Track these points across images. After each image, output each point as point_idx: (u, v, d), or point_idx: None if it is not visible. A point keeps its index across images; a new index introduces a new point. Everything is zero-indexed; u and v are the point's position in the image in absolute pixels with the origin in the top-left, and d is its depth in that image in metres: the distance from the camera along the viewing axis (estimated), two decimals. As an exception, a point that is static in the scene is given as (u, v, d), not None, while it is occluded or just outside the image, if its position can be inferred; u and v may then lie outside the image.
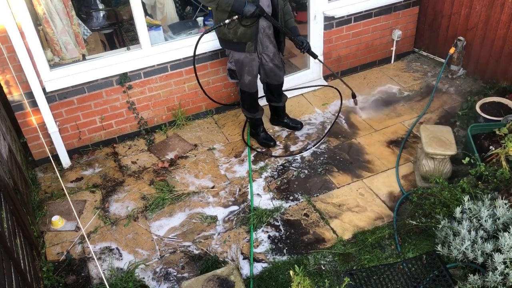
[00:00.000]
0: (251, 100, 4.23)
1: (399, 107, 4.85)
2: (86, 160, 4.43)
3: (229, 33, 3.78)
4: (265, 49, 3.96)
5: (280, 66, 4.12)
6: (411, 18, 5.43)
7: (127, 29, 5.67)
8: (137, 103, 4.52)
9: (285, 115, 4.61)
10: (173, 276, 3.32)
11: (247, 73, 3.98)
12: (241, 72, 4.00)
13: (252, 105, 4.27)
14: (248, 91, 4.12)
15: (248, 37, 3.76)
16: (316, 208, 3.77)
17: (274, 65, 4.06)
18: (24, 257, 2.99)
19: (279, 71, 4.14)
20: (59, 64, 4.19)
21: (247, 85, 4.07)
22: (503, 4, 4.46)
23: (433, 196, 3.40)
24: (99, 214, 3.83)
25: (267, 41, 3.92)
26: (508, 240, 2.81)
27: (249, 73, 3.99)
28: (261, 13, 3.68)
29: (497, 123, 3.95)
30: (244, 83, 4.06)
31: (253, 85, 4.09)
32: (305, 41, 3.97)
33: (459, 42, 4.97)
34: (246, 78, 4.02)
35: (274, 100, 4.42)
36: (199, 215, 3.78)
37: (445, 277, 3.08)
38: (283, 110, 4.57)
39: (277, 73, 4.14)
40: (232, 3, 3.58)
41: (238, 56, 3.90)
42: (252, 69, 3.98)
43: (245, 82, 4.04)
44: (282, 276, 3.24)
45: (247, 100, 4.23)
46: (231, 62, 4.01)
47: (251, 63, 3.94)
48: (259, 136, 4.47)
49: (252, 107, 4.28)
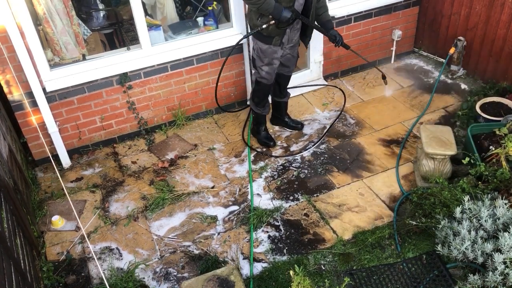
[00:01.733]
0: (264, 93, 4.20)
1: (399, 107, 4.85)
2: (86, 160, 4.44)
3: (258, 20, 3.77)
4: (290, 41, 3.97)
5: (295, 57, 4.15)
6: (411, 18, 5.43)
7: (127, 29, 5.67)
8: (137, 103, 4.52)
9: (286, 114, 4.61)
10: (173, 276, 3.32)
11: (267, 64, 3.97)
12: (261, 61, 3.98)
13: (263, 98, 4.24)
14: (264, 82, 4.09)
15: (276, 32, 3.78)
16: (316, 208, 3.77)
17: (291, 55, 4.10)
18: (24, 257, 2.99)
19: (295, 61, 4.18)
20: (59, 64, 4.19)
21: (264, 77, 4.05)
22: (503, 4, 4.46)
23: (433, 196, 3.40)
24: (99, 214, 3.83)
25: (293, 35, 3.95)
26: (508, 240, 2.81)
27: (269, 65, 3.97)
28: (296, 16, 3.72)
29: (497, 123, 3.95)
30: (261, 74, 4.04)
31: (269, 78, 4.06)
32: (338, 35, 3.98)
33: (459, 42, 4.97)
34: (264, 68, 3.99)
35: (279, 95, 4.41)
36: (199, 215, 3.78)
37: (445, 277, 3.08)
38: (285, 108, 4.57)
39: (293, 64, 4.19)
40: (272, 10, 3.60)
41: (261, 45, 3.89)
42: (272, 62, 3.96)
43: (262, 72, 4.02)
44: (282, 276, 3.24)
45: (260, 92, 4.19)
46: (254, 50, 4.00)
47: (272, 55, 3.92)
48: (259, 135, 4.46)
49: (262, 100, 4.25)
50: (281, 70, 4.19)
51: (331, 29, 3.99)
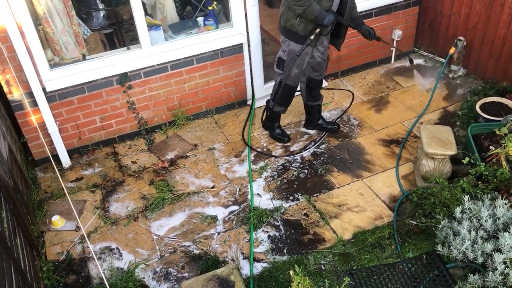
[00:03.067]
0: (289, 95, 4.17)
1: (399, 107, 4.85)
2: (86, 160, 4.44)
3: (299, 26, 3.73)
4: (320, 44, 3.94)
5: (326, 61, 4.12)
6: (411, 18, 5.42)
7: (127, 29, 5.66)
8: (137, 103, 4.52)
9: (321, 117, 4.54)
10: (173, 276, 3.33)
11: (297, 65, 3.92)
12: (291, 63, 3.91)
13: (286, 100, 4.21)
14: (291, 84, 4.05)
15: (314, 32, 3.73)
16: (316, 208, 3.77)
17: (322, 60, 4.06)
18: (24, 257, 2.99)
19: (325, 66, 4.15)
20: (59, 64, 4.18)
21: (292, 78, 4.00)
22: (503, 4, 4.46)
23: (433, 196, 3.41)
24: (99, 214, 3.83)
25: (326, 37, 3.94)
26: (508, 240, 2.81)
27: (298, 66, 3.94)
28: (337, 18, 3.71)
29: (497, 123, 3.95)
30: (290, 75, 3.98)
31: (297, 79, 4.04)
32: (371, 29, 3.96)
33: (459, 42, 4.97)
34: (293, 71, 3.95)
35: (311, 99, 4.35)
36: (199, 215, 3.78)
37: (445, 277, 3.08)
38: (319, 111, 4.49)
39: (324, 68, 4.15)
40: (316, 14, 3.58)
41: (294, 46, 3.84)
42: (303, 63, 3.93)
43: (291, 74, 3.97)
44: (282, 276, 3.24)
45: (284, 93, 4.13)
46: (285, 51, 3.93)
47: (304, 56, 3.88)
48: (274, 131, 4.46)
49: (285, 101, 4.23)
50: (311, 74, 4.15)
51: (363, 24, 3.96)
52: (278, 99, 4.19)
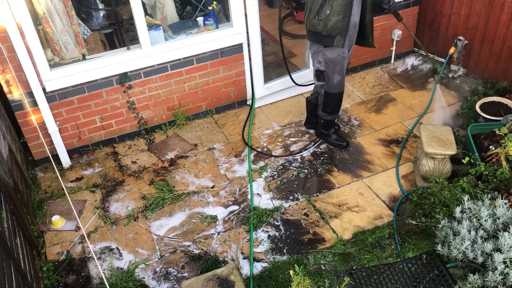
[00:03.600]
0: (337, 101, 4.02)
1: (399, 107, 4.85)
2: (86, 160, 4.44)
3: (318, 25, 3.57)
4: (351, 45, 3.83)
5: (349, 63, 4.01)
6: (411, 18, 5.42)
7: (127, 29, 5.67)
8: (137, 103, 4.52)
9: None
10: (173, 276, 3.33)
11: (338, 72, 3.77)
12: (332, 72, 3.77)
13: (337, 107, 4.06)
14: (336, 91, 3.92)
15: (338, 30, 3.56)
16: (316, 208, 3.77)
17: (349, 62, 3.96)
18: (24, 256, 2.99)
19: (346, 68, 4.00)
20: (59, 64, 4.18)
21: (336, 86, 3.86)
22: (503, 4, 4.46)
23: (433, 196, 3.41)
24: (99, 214, 3.84)
25: (354, 37, 3.80)
26: (508, 240, 2.81)
27: (340, 72, 3.79)
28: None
29: (497, 123, 3.95)
30: (332, 84, 3.84)
31: (342, 85, 3.91)
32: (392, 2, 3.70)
33: (459, 42, 4.97)
34: (336, 78, 3.80)
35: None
36: (199, 215, 3.78)
37: (445, 277, 3.08)
38: None
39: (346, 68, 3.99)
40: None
41: (330, 54, 3.70)
42: (343, 67, 3.78)
43: (334, 82, 3.82)
44: (282, 275, 3.24)
45: (332, 102, 3.99)
46: (320, 62, 3.79)
47: (343, 61, 3.75)
48: (330, 138, 4.33)
49: (336, 108, 4.08)
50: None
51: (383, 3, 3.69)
52: (327, 109, 4.08)
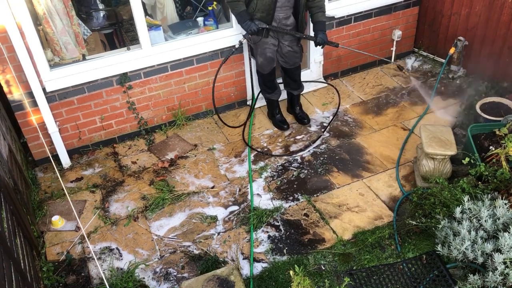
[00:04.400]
0: (264, 81, 4.49)
1: (399, 107, 4.85)
2: (86, 160, 4.43)
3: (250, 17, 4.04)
4: (282, 36, 4.16)
5: (297, 51, 4.31)
6: (411, 18, 5.42)
7: (127, 29, 5.67)
8: (137, 103, 4.52)
9: (298, 106, 4.76)
10: (173, 276, 3.33)
11: (259, 54, 4.26)
12: (254, 53, 4.33)
13: (265, 85, 4.52)
14: (260, 71, 4.40)
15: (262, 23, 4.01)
16: (316, 208, 3.77)
17: (290, 50, 4.25)
18: (24, 257, 2.99)
19: (294, 56, 4.31)
20: (59, 64, 4.18)
21: (260, 66, 4.35)
22: (503, 4, 4.46)
23: (433, 196, 3.41)
24: (99, 214, 3.83)
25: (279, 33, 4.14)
26: (508, 240, 2.81)
27: (261, 55, 4.26)
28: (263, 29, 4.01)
29: (497, 123, 3.95)
30: (257, 64, 4.37)
31: (264, 67, 4.33)
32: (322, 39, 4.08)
33: (459, 42, 4.97)
34: (258, 59, 4.31)
35: (291, 87, 4.59)
36: (199, 215, 3.78)
37: (445, 277, 3.08)
38: (296, 100, 4.73)
39: (292, 57, 4.32)
40: (236, 13, 4.00)
41: (254, 37, 4.15)
42: (264, 52, 4.22)
43: (257, 62, 4.35)
44: (282, 276, 3.24)
45: (260, 80, 4.53)
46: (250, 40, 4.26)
47: (263, 46, 4.19)
48: (274, 118, 4.70)
49: (265, 87, 4.52)
50: (285, 64, 4.38)
51: (318, 31, 4.10)
52: (260, 85, 4.60)
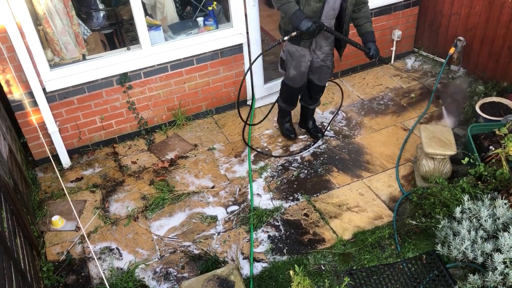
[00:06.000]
0: (290, 95, 4.24)
1: (399, 107, 4.85)
2: (86, 160, 4.44)
3: (288, 25, 3.76)
4: (319, 48, 3.89)
5: (330, 67, 4.05)
6: (411, 18, 5.43)
7: (127, 29, 5.67)
8: (137, 103, 4.52)
9: (312, 120, 4.53)
10: (173, 276, 3.33)
11: (293, 67, 3.96)
12: (288, 64, 4.00)
13: (289, 99, 4.29)
14: (290, 85, 4.11)
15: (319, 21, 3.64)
16: (316, 208, 3.77)
17: (323, 65, 3.99)
18: (24, 257, 2.99)
19: (327, 72, 4.07)
20: (59, 64, 4.19)
21: (291, 79, 4.06)
22: (503, 4, 4.47)
23: (433, 196, 3.41)
24: (99, 214, 3.84)
25: (322, 41, 3.84)
26: (508, 240, 2.81)
27: (295, 68, 3.96)
28: (320, 28, 3.60)
29: (497, 123, 3.95)
30: (288, 76, 4.06)
31: (296, 81, 4.05)
32: (374, 49, 3.79)
33: (459, 42, 4.97)
34: (291, 72, 4.00)
35: (308, 101, 4.34)
36: (199, 215, 3.78)
37: (445, 277, 3.08)
38: (311, 115, 4.49)
39: (324, 73, 4.07)
40: (290, 15, 3.55)
41: (290, 47, 3.89)
42: (300, 65, 3.94)
43: (289, 75, 4.04)
44: (282, 276, 3.24)
45: (285, 93, 4.25)
46: (284, 52, 4.00)
47: (299, 58, 3.90)
48: (283, 125, 4.55)
49: (289, 100, 4.31)
50: (311, 77, 4.11)
51: (369, 42, 3.80)
52: (282, 96, 4.32)
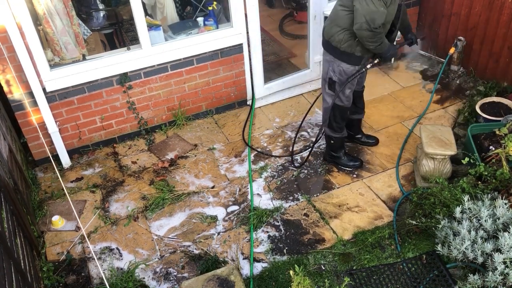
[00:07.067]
0: (343, 117, 3.89)
1: (399, 107, 4.85)
2: (86, 160, 4.44)
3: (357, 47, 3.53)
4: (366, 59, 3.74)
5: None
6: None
7: (127, 29, 5.66)
8: (137, 103, 4.52)
9: (360, 131, 4.35)
10: (173, 276, 3.33)
11: (349, 86, 3.71)
12: (343, 83, 3.67)
13: (341, 121, 3.90)
14: (344, 105, 3.80)
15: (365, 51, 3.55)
16: (316, 208, 3.77)
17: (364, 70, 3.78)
18: (24, 257, 2.99)
19: (365, 76, 4.01)
20: (59, 64, 4.18)
21: (346, 98, 3.77)
22: (503, 4, 4.46)
23: (433, 196, 3.41)
24: (99, 214, 3.84)
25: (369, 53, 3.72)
26: (508, 240, 2.81)
27: (351, 87, 3.73)
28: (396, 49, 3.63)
29: (497, 123, 3.95)
30: (343, 96, 3.75)
31: (350, 99, 3.81)
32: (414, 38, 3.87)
33: (459, 42, 4.97)
34: (346, 91, 3.72)
35: (357, 111, 4.14)
36: (199, 215, 3.78)
37: (445, 277, 3.08)
38: (359, 125, 4.32)
39: (364, 79, 4.01)
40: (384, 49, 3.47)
41: (346, 67, 3.62)
42: (354, 82, 3.73)
43: (344, 94, 3.73)
44: (282, 276, 3.25)
45: (337, 117, 3.86)
46: (334, 72, 3.67)
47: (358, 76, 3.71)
48: (341, 159, 4.11)
49: (341, 124, 3.92)
50: (357, 87, 3.96)
51: (409, 32, 3.87)
52: (333, 124, 3.90)
